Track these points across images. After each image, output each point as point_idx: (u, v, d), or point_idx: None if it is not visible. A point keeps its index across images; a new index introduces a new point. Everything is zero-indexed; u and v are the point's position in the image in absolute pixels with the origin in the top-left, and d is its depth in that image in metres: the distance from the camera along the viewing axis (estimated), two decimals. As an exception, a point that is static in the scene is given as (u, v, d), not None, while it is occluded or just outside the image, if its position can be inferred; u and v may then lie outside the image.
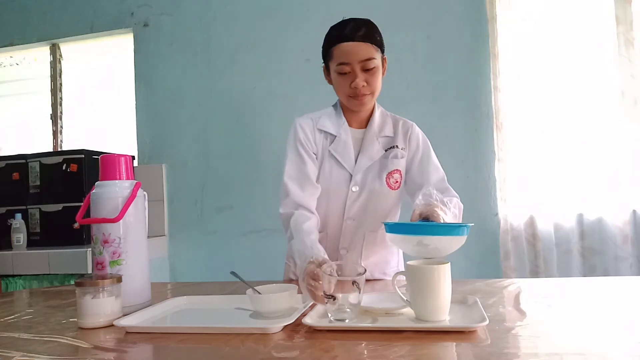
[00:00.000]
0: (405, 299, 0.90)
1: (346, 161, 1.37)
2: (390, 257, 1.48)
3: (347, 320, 0.87)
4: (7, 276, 2.31)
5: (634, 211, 2.25)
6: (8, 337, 0.92)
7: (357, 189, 1.37)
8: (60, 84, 3.14)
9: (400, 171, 1.40)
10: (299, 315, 0.91)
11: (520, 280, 1.28)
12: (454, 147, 2.48)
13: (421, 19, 2.55)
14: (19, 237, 2.43)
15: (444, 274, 0.86)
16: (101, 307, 0.96)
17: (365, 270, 0.91)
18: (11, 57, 3.29)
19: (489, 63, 2.41)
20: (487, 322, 0.81)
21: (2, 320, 1.07)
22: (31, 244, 2.50)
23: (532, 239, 2.32)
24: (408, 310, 0.91)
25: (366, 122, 1.42)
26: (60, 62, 3.14)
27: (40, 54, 3.20)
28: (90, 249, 1.50)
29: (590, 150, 2.31)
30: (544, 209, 2.32)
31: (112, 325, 0.94)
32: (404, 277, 0.90)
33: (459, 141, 2.48)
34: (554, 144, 2.33)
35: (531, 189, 2.34)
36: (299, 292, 1.00)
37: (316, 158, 1.38)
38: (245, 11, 2.79)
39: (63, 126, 3.14)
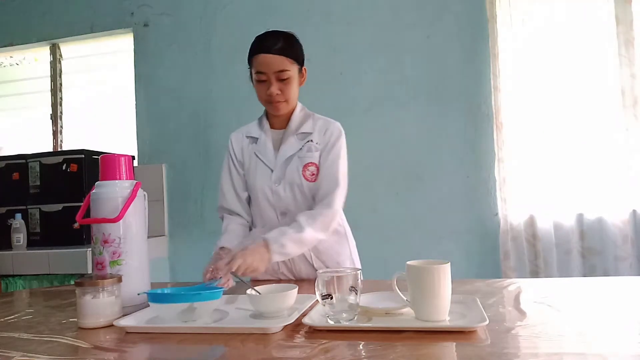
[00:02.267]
0: (405, 299, 0.90)
1: (267, 158, 1.48)
2: (340, 246, 1.52)
3: (346, 320, 0.87)
4: (7, 276, 2.31)
5: (634, 211, 2.25)
6: (8, 337, 0.92)
7: (278, 182, 1.45)
8: (60, 84, 3.14)
9: (315, 164, 1.46)
10: (299, 315, 0.91)
11: (520, 280, 1.28)
12: (454, 147, 2.48)
13: (421, 19, 2.55)
14: (19, 237, 2.43)
15: (444, 274, 0.86)
16: (101, 307, 0.96)
17: (360, 269, 0.92)
18: (11, 57, 3.29)
19: (489, 63, 2.41)
20: (487, 322, 0.81)
21: (2, 320, 1.07)
22: (31, 244, 2.50)
23: (532, 239, 2.32)
24: (408, 310, 0.91)
25: (287, 123, 1.51)
26: (60, 62, 3.14)
27: (40, 54, 3.20)
28: (90, 249, 1.50)
29: (590, 150, 2.31)
30: (544, 209, 2.32)
31: (112, 325, 0.94)
32: (395, 278, 0.90)
33: (459, 141, 2.48)
34: (554, 144, 2.33)
35: (531, 189, 2.34)
36: (300, 292, 1.00)
37: (244, 163, 1.52)
38: (245, 11, 2.79)
39: (63, 126, 3.14)
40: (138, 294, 1.01)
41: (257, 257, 1.25)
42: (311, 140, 1.48)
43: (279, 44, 1.38)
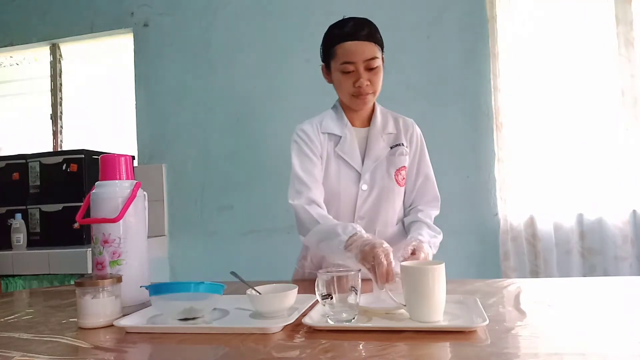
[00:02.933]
0: (397, 301, 0.90)
1: (354, 161, 1.37)
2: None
3: (346, 321, 0.87)
4: (7, 276, 2.31)
5: (634, 211, 2.25)
6: (8, 337, 0.92)
7: (367, 187, 1.37)
8: (60, 84, 3.14)
9: (406, 168, 1.42)
10: (299, 315, 0.91)
11: (520, 280, 1.28)
12: (454, 147, 2.48)
13: (421, 19, 2.55)
14: (19, 237, 2.43)
15: (439, 274, 0.86)
16: (101, 307, 0.96)
17: (360, 269, 0.92)
18: (11, 57, 3.29)
19: (489, 63, 2.41)
20: (487, 322, 0.81)
21: (2, 320, 1.07)
22: (31, 244, 2.50)
23: (532, 239, 2.32)
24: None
25: (368, 121, 1.42)
26: (60, 62, 3.14)
27: (40, 54, 3.20)
28: (90, 249, 1.50)
29: (590, 150, 2.31)
30: (544, 209, 2.32)
31: (112, 325, 0.94)
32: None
33: (459, 141, 2.48)
34: (554, 144, 2.33)
35: (531, 189, 2.34)
36: (300, 292, 1.00)
37: (322, 161, 1.38)
38: (245, 11, 2.79)
39: (63, 126, 3.14)
40: (140, 287, 1.01)
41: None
42: (402, 144, 1.40)
43: (366, 29, 1.28)
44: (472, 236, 2.45)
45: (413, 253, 1.14)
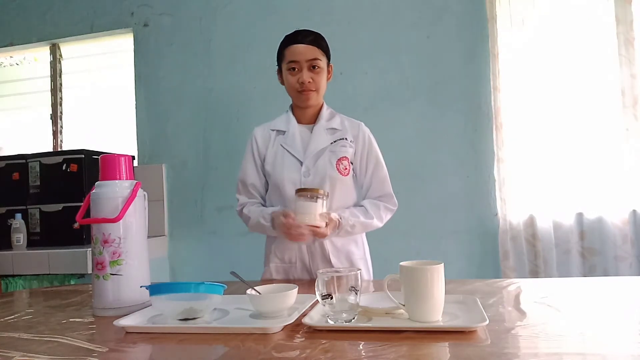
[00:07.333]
0: (397, 301, 0.90)
1: (295, 150, 1.52)
2: (355, 247, 1.57)
3: (346, 321, 0.87)
4: (7, 276, 2.31)
5: (634, 211, 2.25)
6: (8, 337, 0.92)
7: (308, 174, 1.49)
8: (60, 84, 3.14)
9: (348, 159, 1.53)
10: (299, 315, 0.91)
11: (520, 280, 1.28)
12: (454, 147, 2.48)
13: (421, 19, 2.55)
14: (19, 237, 2.43)
15: (437, 274, 0.86)
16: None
17: (360, 269, 0.93)
18: (11, 57, 3.29)
19: (489, 63, 2.40)
20: (487, 322, 0.81)
21: (2, 320, 1.07)
22: (31, 244, 2.50)
23: (531, 238, 2.32)
24: (408, 310, 0.91)
25: (315, 119, 1.58)
26: (60, 62, 3.14)
27: (40, 54, 3.20)
28: (90, 249, 1.50)
29: (590, 150, 2.31)
30: (544, 209, 2.32)
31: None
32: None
33: (459, 141, 2.48)
34: (553, 144, 2.33)
35: (531, 189, 2.34)
36: (300, 291, 1.00)
37: (267, 157, 1.57)
38: (245, 11, 2.79)
39: (63, 126, 3.14)
40: (140, 287, 1.01)
41: (331, 226, 1.40)
42: (345, 138, 1.54)
43: (310, 37, 1.49)
44: (472, 236, 2.45)
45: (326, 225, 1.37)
